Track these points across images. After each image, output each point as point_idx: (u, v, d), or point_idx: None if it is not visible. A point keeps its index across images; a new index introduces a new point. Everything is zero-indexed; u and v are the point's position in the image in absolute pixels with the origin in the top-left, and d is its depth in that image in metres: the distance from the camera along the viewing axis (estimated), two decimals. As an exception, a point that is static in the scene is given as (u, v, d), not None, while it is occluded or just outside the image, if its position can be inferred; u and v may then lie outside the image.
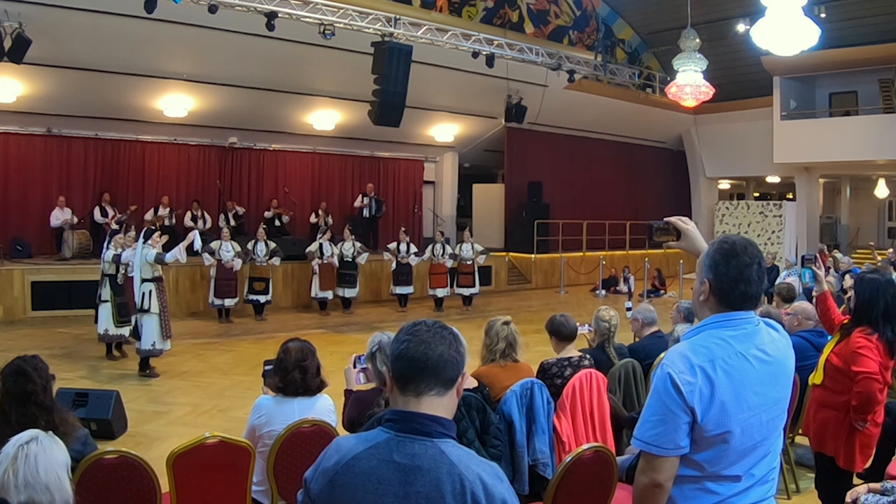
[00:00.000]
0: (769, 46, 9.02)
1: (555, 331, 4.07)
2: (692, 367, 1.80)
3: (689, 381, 1.79)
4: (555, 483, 2.93)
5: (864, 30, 15.90)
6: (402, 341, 1.54)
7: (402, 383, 1.52)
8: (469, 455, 1.50)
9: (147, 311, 7.52)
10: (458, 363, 1.55)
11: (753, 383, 1.83)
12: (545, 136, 17.82)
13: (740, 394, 1.81)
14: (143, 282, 7.58)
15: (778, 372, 1.90)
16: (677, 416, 1.79)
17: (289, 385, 3.37)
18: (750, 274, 1.86)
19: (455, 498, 1.43)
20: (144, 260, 7.58)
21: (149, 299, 7.56)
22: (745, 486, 1.86)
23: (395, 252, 12.54)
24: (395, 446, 1.48)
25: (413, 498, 1.44)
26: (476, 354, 4.02)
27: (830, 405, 3.43)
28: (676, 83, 12.82)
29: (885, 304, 3.37)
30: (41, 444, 2.15)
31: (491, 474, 1.48)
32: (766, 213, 18.75)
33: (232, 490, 3.12)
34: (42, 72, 11.02)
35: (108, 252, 8.17)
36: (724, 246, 1.89)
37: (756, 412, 1.84)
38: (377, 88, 11.64)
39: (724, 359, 1.82)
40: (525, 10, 17.22)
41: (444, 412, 1.53)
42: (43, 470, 2.09)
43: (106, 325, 8.07)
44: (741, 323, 1.87)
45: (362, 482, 1.46)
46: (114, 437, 5.39)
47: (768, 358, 1.87)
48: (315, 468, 1.56)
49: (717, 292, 1.88)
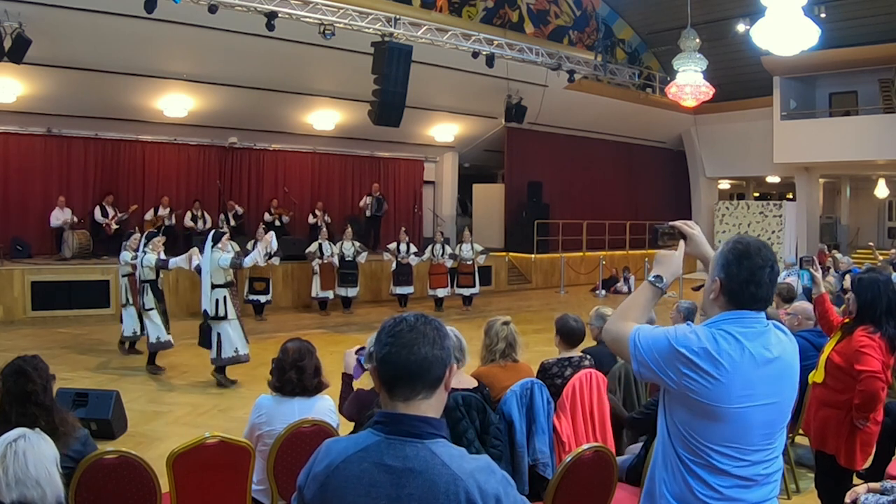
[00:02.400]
0: (769, 46, 9.01)
1: (566, 333, 4.05)
2: (698, 340, 1.85)
3: (706, 347, 1.84)
4: (555, 483, 2.93)
5: (864, 30, 15.90)
6: (385, 344, 1.50)
7: (388, 388, 1.51)
8: (461, 454, 1.49)
9: (225, 319, 7.19)
10: (444, 359, 1.53)
11: (756, 378, 1.84)
12: (545, 136, 17.82)
13: (741, 382, 1.83)
14: (214, 288, 7.19)
15: (783, 372, 1.91)
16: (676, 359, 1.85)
17: (285, 385, 3.37)
18: (761, 276, 1.88)
19: (449, 499, 1.42)
20: (217, 265, 7.22)
21: (224, 306, 7.21)
22: (747, 483, 1.86)
23: (395, 252, 12.54)
24: (386, 449, 1.46)
25: (406, 500, 1.43)
26: (476, 354, 4.02)
27: (831, 404, 3.43)
28: (676, 83, 12.82)
29: (887, 301, 3.38)
30: (29, 440, 2.16)
31: (483, 469, 1.47)
32: (766, 213, 18.74)
33: (232, 490, 3.12)
34: (42, 72, 11.02)
35: (149, 256, 7.73)
36: (738, 246, 1.91)
37: (757, 403, 1.84)
38: (377, 88, 11.65)
39: (729, 352, 1.84)
40: (525, 10, 17.22)
41: (433, 412, 1.52)
42: (32, 465, 2.10)
43: (157, 333, 7.68)
44: (751, 322, 1.89)
45: (353, 486, 1.45)
46: (114, 437, 5.39)
47: (773, 356, 1.88)
48: (307, 472, 1.55)
49: (728, 292, 1.91)
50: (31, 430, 2.24)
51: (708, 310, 1.98)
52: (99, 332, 9.93)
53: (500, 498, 1.45)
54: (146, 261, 7.74)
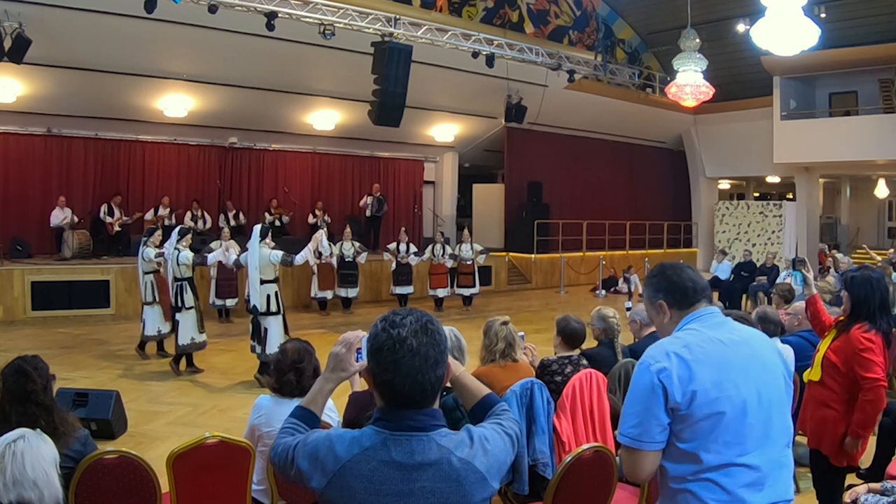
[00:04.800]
0: (769, 46, 9.01)
1: (568, 334, 4.05)
2: (666, 353, 1.88)
3: (664, 367, 1.84)
4: (555, 483, 2.93)
5: (864, 30, 15.90)
6: (385, 369, 1.48)
7: (394, 406, 1.51)
8: (459, 437, 1.54)
9: (276, 314, 7.15)
10: (444, 364, 1.55)
11: (734, 363, 1.88)
12: (545, 136, 17.81)
13: (722, 372, 1.85)
14: (263, 283, 7.11)
15: (757, 352, 1.94)
16: (655, 407, 1.84)
17: (284, 386, 3.36)
18: (688, 274, 2.06)
19: (461, 485, 1.46)
20: (268, 261, 7.11)
21: (275, 301, 7.16)
22: (752, 481, 1.84)
23: (394, 252, 12.53)
24: (393, 445, 1.48)
25: (418, 494, 1.45)
26: (475, 354, 4.02)
27: (828, 402, 3.43)
28: (676, 83, 12.81)
29: (879, 297, 3.39)
30: (28, 441, 2.17)
31: (481, 437, 1.56)
32: (766, 213, 18.74)
33: (232, 490, 3.12)
34: (42, 72, 11.02)
35: (185, 253, 7.58)
36: (654, 269, 2.15)
37: (746, 391, 1.85)
38: (377, 88, 11.64)
39: (699, 343, 1.89)
40: (525, 10, 17.22)
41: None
42: (30, 466, 2.11)
43: (192, 333, 7.57)
44: (709, 316, 1.99)
45: (363, 485, 1.46)
46: (114, 437, 5.39)
47: (740, 339, 1.95)
48: (309, 460, 1.54)
49: (672, 301, 2.04)
50: (32, 430, 2.24)
51: (668, 332, 2.05)
52: (99, 332, 9.94)
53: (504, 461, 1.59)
54: (182, 258, 7.54)
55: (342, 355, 1.77)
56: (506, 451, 1.60)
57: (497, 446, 1.57)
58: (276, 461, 1.64)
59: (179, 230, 7.97)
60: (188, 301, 7.58)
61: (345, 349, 1.77)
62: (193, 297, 7.64)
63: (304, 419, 1.72)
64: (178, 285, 7.60)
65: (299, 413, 1.74)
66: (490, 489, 1.54)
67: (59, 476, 2.20)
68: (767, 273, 12.77)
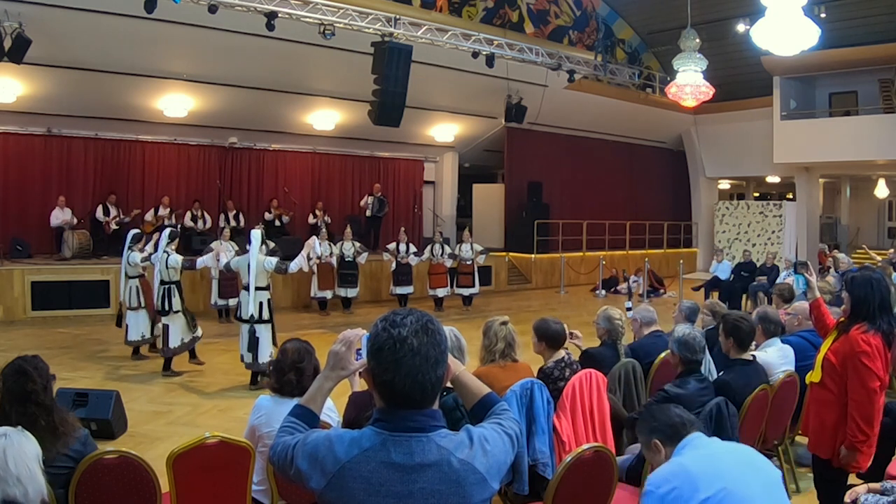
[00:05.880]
0: (769, 46, 8.99)
1: (551, 337, 4.01)
2: (667, 477, 2.08)
3: (673, 487, 2.04)
4: (555, 483, 2.93)
5: (864, 30, 15.90)
6: (386, 369, 1.48)
7: (394, 406, 1.51)
8: (459, 438, 1.53)
9: (266, 322, 7.11)
10: (444, 364, 1.54)
11: (726, 458, 2.12)
12: (545, 136, 17.82)
13: (714, 462, 2.08)
14: (257, 290, 7.04)
15: (751, 456, 2.16)
16: None
17: (284, 386, 3.36)
18: (674, 411, 2.31)
19: (462, 486, 1.46)
20: (263, 268, 7.04)
21: (268, 308, 7.13)
22: None
23: (394, 252, 12.53)
24: (392, 446, 1.47)
25: (418, 495, 1.44)
26: (475, 355, 4.01)
27: (829, 404, 3.42)
28: (676, 83, 12.81)
29: (879, 297, 3.38)
30: (10, 438, 2.19)
31: (481, 437, 1.56)
32: (766, 213, 18.74)
33: (232, 490, 3.12)
34: (42, 72, 11.02)
35: (175, 257, 7.53)
36: (641, 412, 2.52)
37: (738, 481, 2.02)
38: (377, 88, 11.64)
39: (696, 459, 2.13)
40: (525, 10, 17.22)
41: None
42: (13, 463, 2.12)
43: (181, 335, 7.56)
44: (698, 439, 2.23)
45: (363, 486, 1.46)
46: (114, 437, 5.39)
47: (734, 447, 2.23)
48: (308, 460, 1.54)
49: (665, 438, 2.27)
50: (13, 428, 2.26)
51: (660, 460, 2.29)
52: (99, 332, 9.93)
53: (504, 462, 1.59)
54: (172, 261, 7.50)
55: (342, 353, 1.76)
56: (506, 451, 1.59)
57: (497, 447, 1.57)
58: (275, 460, 1.64)
59: (169, 233, 7.91)
60: (175, 305, 7.55)
61: (345, 347, 1.76)
62: (180, 301, 7.61)
63: (303, 418, 1.72)
64: (166, 289, 7.55)
65: (298, 411, 1.74)
66: (490, 490, 1.53)
67: (42, 472, 2.21)
68: (767, 273, 12.79)
